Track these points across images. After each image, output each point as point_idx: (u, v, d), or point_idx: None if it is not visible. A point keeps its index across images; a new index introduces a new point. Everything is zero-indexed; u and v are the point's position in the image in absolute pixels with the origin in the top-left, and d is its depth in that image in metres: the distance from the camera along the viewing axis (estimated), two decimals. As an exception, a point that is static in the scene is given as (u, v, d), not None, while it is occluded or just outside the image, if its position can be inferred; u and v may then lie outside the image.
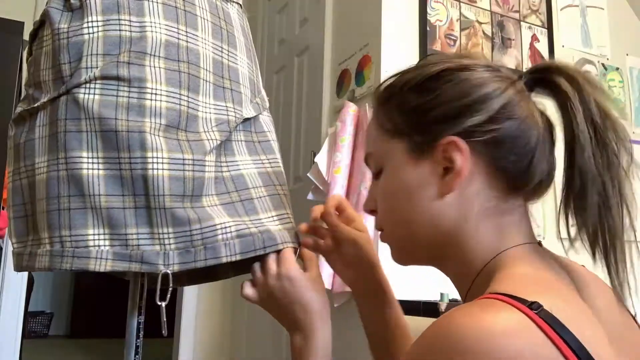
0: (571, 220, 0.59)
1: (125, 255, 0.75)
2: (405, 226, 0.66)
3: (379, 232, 0.72)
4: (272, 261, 0.81)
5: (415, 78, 0.65)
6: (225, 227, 0.79)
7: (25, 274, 2.69)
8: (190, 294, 3.11)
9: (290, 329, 0.82)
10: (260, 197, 0.87)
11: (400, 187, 0.65)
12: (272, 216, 0.86)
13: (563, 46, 2.44)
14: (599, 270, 0.59)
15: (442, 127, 0.61)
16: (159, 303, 0.78)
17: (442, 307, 1.54)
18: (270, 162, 0.92)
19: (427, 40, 2.10)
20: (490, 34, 2.24)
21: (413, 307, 1.68)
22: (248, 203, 0.85)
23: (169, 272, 0.76)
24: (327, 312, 0.82)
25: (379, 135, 0.68)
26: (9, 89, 2.06)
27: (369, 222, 1.16)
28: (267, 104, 1.02)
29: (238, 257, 0.79)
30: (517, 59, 2.28)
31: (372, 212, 0.71)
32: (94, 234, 0.75)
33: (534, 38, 2.35)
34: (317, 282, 0.82)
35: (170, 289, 0.78)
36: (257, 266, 0.82)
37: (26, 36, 2.33)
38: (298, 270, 0.80)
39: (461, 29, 2.18)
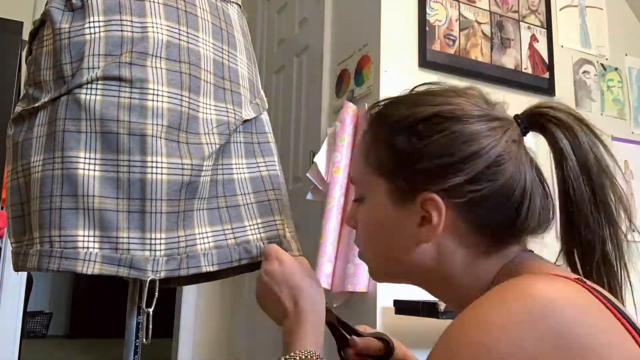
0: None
1: (114, 259, 0.74)
2: (382, 256, 0.68)
3: (357, 250, 0.73)
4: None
5: (406, 118, 0.63)
6: (204, 237, 0.80)
7: (24, 273, 2.69)
8: (190, 294, 3.11)
9: (282, 316, 0.79)
10: (247, 204, 0.87)
11: (380, 224, 0.66)
12: (257, 224, 0.87)
13: (562, 46, 2.44)
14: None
15: (424, 181, 0.61)
16: (146, 310, 0.78)
17: (441, 307, 1.54)
18: (267, 165, 0.92)
19: (426, 40, 2.10)
20: (489, 34, 2.24)
21: (412, 307, 1.68)
22: (234, 210, 0.85)
23: (156, 278, 0.76)
24: (319, 298, 0.79)
25: (363, 165, 0.67)
26: (8, 89, 2.06)
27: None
28: (267, 105, 1.02)
29: (216, 268, 0.81)
30: (516, 59, 2.28)
31: (354, 226, 0.72)
32: (83, 235, 0.74)
33: (533, 38, 2.35)
34: (301, 267, 0.79)
35: (156, 295, 0.78)
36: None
37: (25, 36, 2.33)
38: (282, 260, 0.78)
39: (460, 29, 2.18)
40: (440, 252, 0.62)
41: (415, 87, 0.70)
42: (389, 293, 1.86)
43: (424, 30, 2.10)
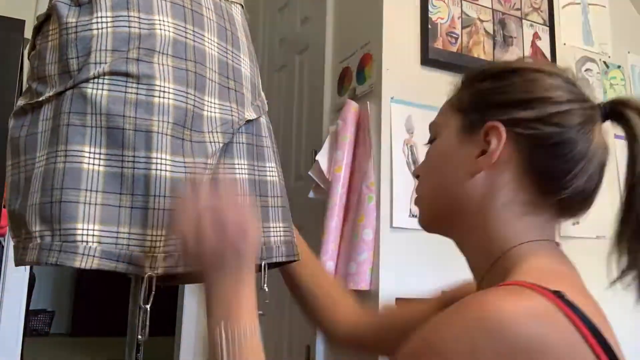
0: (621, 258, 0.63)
1: (113, 254, 0.74)
2: (437, 190, 0.70)
3: (414, 198, 0.76)
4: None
5: (497, 67, 0.70)
6: None
7: (27, 272, 2.69)
8: (192, 292, 3.11)
9: (214, 271, 0.68)
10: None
11: (444, 156, 0.70)
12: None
13: (565, 44, 2.44)
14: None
15: (494, 111, 0.65)
16: (143, 306, 0.77)
17: (444, 305, 1.53)
18: (259, 171, 0.92)
19: (429, 38, 2.09)
20: (491, 32, 2.23)
21: (414, 306, 1.68)
22: None
23: (153, 275, 0.76)
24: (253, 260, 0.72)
25: (446, 108, 0.73)
26: (10, 87, 2.06)
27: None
28: (267, 107, 1.02)
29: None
30: (518, 56, 2.27)
31: (417, 177, 0.76)
32: (83, 229, 0.73)
33: (536, 36, 2.34)
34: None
35: (153, 292, 0.78)
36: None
37: (27, 34, 2.33)
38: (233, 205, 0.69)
39: (462, 27, 2.17)
40: (489, 187, 0.65)
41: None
42: (391, 292, 1.86)
43: (426, 28, 2.10)
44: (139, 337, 0.79)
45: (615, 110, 0.67)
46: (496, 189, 0.65)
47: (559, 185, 0.63)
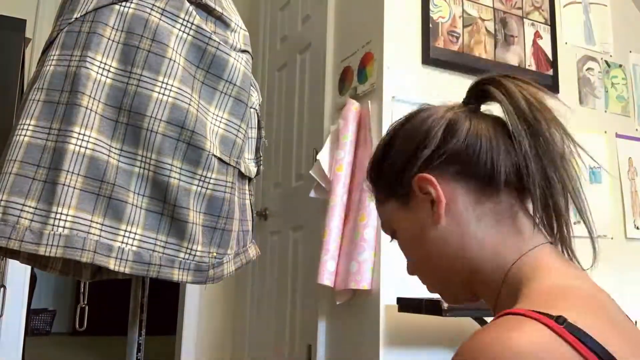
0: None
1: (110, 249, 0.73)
2: (432, 268, 0.72)
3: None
4: None
5: (378, 149, 0.75)
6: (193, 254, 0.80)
7: (28, 271, 2.69)
8: (193, 291, 3.12)
9: None
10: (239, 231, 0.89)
11: (411, 237, 0.72)
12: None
13: (566, 43, 2.43)
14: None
15: (408, 172, 0.69)
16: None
17: (444, 304, 1.53)
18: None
19: (430, 37, 2.09)
20: (493, 31, 2.23)
21: (415, 305, 1.68)
22: (226, 234, 0.84)
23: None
24: None
25: (379, 207, 0.76)
26: (11, 85, 2.06)
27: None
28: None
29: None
30: (520, 56, 2.27)
31: (412, 274, 0.77)
32: (91, 221, 0.73)
33: (537, 35, 2.34)
34: None
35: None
36: None
37: (28, 34, 2.33)
38: None
39: (464, 26, 2.17)
40: (458, 219, 0.67)
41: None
42: (392, 291, 1.86)
43: (427, 27, 2.10)
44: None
45: (480, 93, 0.71)
46: (462, 217, 0.67)
47: (495, 176, 0.66)
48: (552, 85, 2.32)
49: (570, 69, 2.42)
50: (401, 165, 0.70)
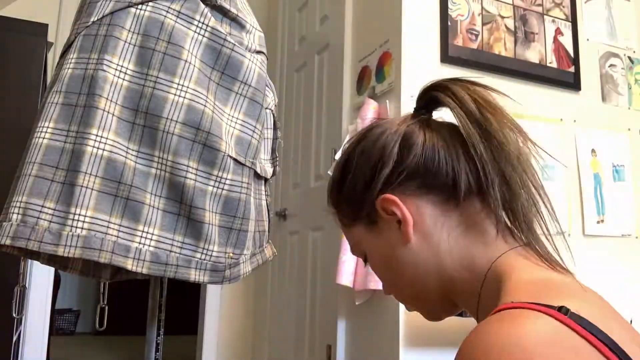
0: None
1: (127, 249, 0.74)
2: (407, 288, 0.70)
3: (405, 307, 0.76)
4: None
5: (335, 174, 0.73)
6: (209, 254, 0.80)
7: (52, 272, 2.74)
8: (214, 292, 3.14)
9: None
10: (256, 231, 0.89)
11: (383, 259, 0.70)
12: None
13: (588, 39, 2.39)
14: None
15: (369, 194, 0.67)
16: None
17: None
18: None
19: (448, 35, 2.08)
20: (512, 28, 2.21)
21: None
22: (242, 235, 0.85)
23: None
24: None
25: (346, 231, 0.74)
26: (34, 89, 2.10)
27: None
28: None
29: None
30: (540, 53, 2.24)
31: (390, 291, 0.75)
32: (109, 222, 0.73)
33: (558, 32, 2.31)
34: None
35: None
36: None
37: (50, 38, 2.37)
38: None
39: (483, 23, 2.15)
40: (428, 238, 0.66)
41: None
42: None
43: (446, 25, 2.08)
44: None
45: (429, 101, 0.70)
46: (432, 234, 0.66)
47: (456, 187, 0.65)
48: (574, 83, 2.29)
49: (592, 66, 2.39)
50: (361, 188, 0.68)
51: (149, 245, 0.74)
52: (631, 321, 0.62)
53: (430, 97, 0.70)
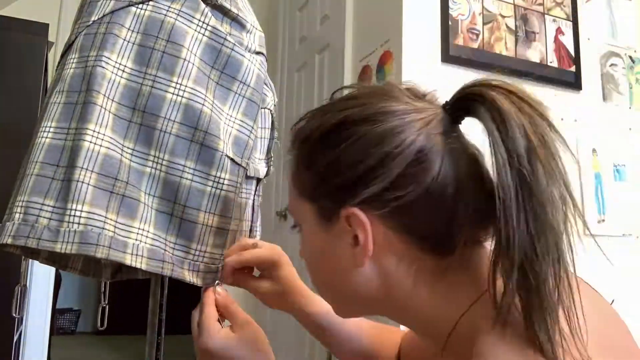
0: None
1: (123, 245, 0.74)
2: (332, 288, 0.61)
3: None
4: (194, 324, 0.75)
5: (317, 129, 0.57)
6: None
7: (53, 272, 2.74)
8: (214, 292, 3.13)
9: None
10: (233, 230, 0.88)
11: (317, 251, 0.60)
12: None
13: (589, 39, 2.39)
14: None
15: (343, 195, 0.54)
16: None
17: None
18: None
19: (449, 35, 2.07)
20: (513, 28, 2.20)
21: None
22: (239, 235, 0.85)
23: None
24: None
25: (292, 191, 0.62)
26: (36, 87, 2.10)
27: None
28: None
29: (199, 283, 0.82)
30: (541, 52, 2.24)
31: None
32: (105, 217, 0.73)
33: (559, 31, 2.31)
34: (243, 337, 0.71)
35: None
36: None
37: (51, 37, 2.37)
38: (217, 340, 0.70)
39: (484, 23, 2.15)
40: (385, 276, 0.55)
41: (333, 93, 0.63)
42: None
43: (447, 24, 2.08)
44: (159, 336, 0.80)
45: (463, 106, 0.54)
46: (392, 274, 0.54)
47: (450, 239, 0.52)
48: (575, 82, 2.28)
49: (593, 66, 2.38)
50: (337, 182, 0.55)
51: (145, 243, 0.74)
52: (612, 302, 0.56)
53: (465, 106, 0.53)
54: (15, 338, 2.05)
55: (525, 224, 0.46)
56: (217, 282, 0.79)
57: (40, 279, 2.67)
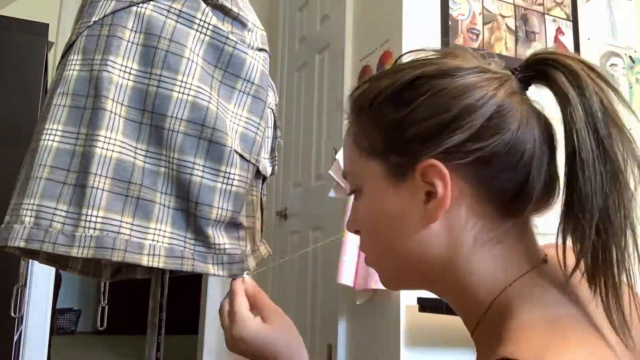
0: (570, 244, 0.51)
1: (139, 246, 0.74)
2: (390, 254, 0.59)
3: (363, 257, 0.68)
4: (224, 314, 0.76)
5: (389, 87, 0.56)
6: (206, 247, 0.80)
7: (53, 272, 2.74)
8: (214, 291, 3.13)
9: None
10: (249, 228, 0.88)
11: (381, 213, 0.58)
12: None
13: (589, 39, 2.39)
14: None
15: (420, 148, 0.53)
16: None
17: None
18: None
19: (449, 35, 2.07)
20: (513, 28, 2.20)
21: (436, 305, 1.66)
22: (249, 231, 0.85)
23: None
24: (299, 354, 0.74)
25: (354, 152, 0.60)
26: (35, 87, 2.10)
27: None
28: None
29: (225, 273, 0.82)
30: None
31: (356, 232, 0.64)
32: (121, 221, 0.74)
33: (559, 31, 2.31)
34: (276, 327, 0.74)
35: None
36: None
37: (51, 37, 2.37)
38: (251, 329, 0.73)
39: (484, 23, 2.15)
40: (451, 232, 0.55)
41: (398, 58, 0.62)
42: (412, 291, 1.85)
43: (447, 24, 2.08)
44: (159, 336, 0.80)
45: (536, 70, 0.55)
46: (459, 229, 0.54)
47: (523, 197, 0.53)
48: (575, 82, 2.28)
49: (593, 65, 2.38)
50: (414, 134, 0.54)
51: (163, 242, 0.74)
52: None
53: (539, 70, 0.55)
54: (15, 338, 2.05)
55: (601, 184, 0.48)
56: (245, 272, 0.79)
57: (40, 279, 2.67)
